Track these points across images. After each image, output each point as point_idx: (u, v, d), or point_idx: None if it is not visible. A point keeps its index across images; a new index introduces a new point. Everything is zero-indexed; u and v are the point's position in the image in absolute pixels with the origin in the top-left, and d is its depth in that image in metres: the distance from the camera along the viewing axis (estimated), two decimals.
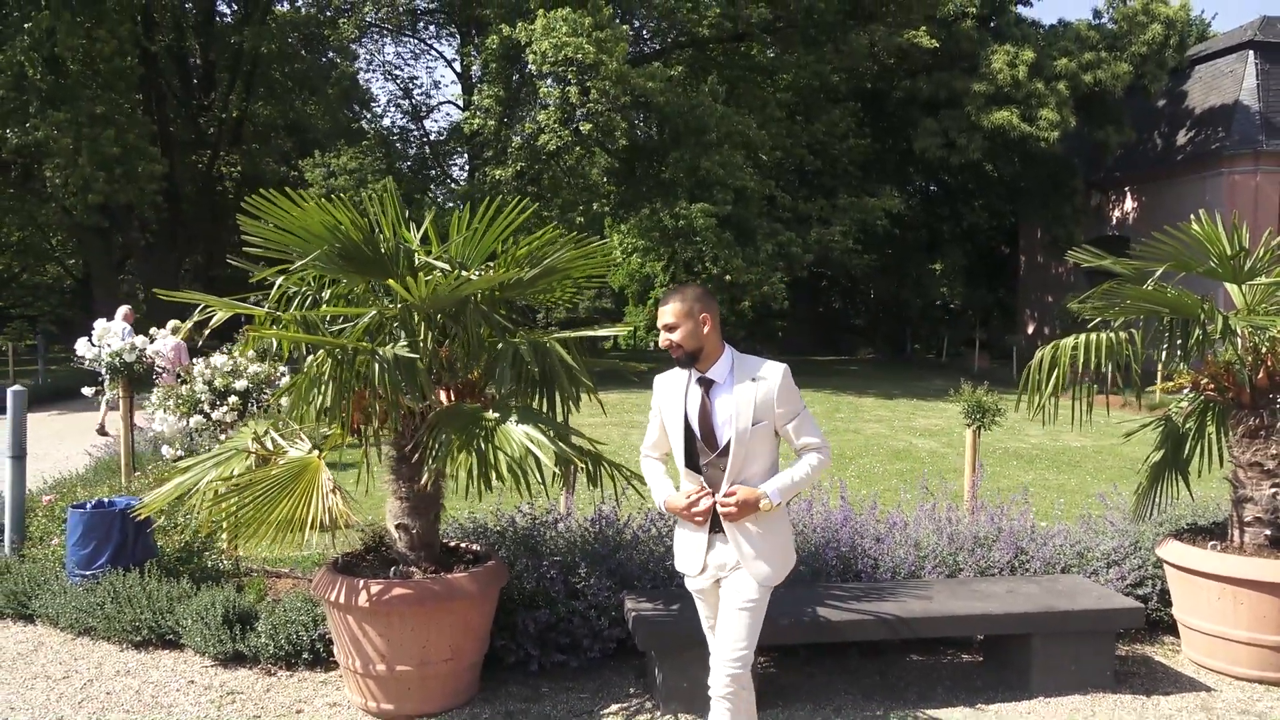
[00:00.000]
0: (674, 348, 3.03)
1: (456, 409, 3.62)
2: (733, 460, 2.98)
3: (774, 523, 3.06)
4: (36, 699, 4.08)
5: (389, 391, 3.34)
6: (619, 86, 16.71)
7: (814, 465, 3.05)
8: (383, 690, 3.80)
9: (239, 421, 5.32)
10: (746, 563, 3.02)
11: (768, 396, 2.99)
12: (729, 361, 3.04)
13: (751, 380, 2.99)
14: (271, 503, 3.51)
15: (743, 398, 2.98)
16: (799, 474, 3.05)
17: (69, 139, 18.15)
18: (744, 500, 2.97)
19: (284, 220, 3.55)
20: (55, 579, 5.04)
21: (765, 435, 3.02)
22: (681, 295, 3.05)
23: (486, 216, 3.76)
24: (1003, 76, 20.91)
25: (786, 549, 3.12)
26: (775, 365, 3.04)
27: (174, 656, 4.52)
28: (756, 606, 3.03)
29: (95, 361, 6.93)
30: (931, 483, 9.14)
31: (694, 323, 2.99)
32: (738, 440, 2.97)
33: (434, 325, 3.57)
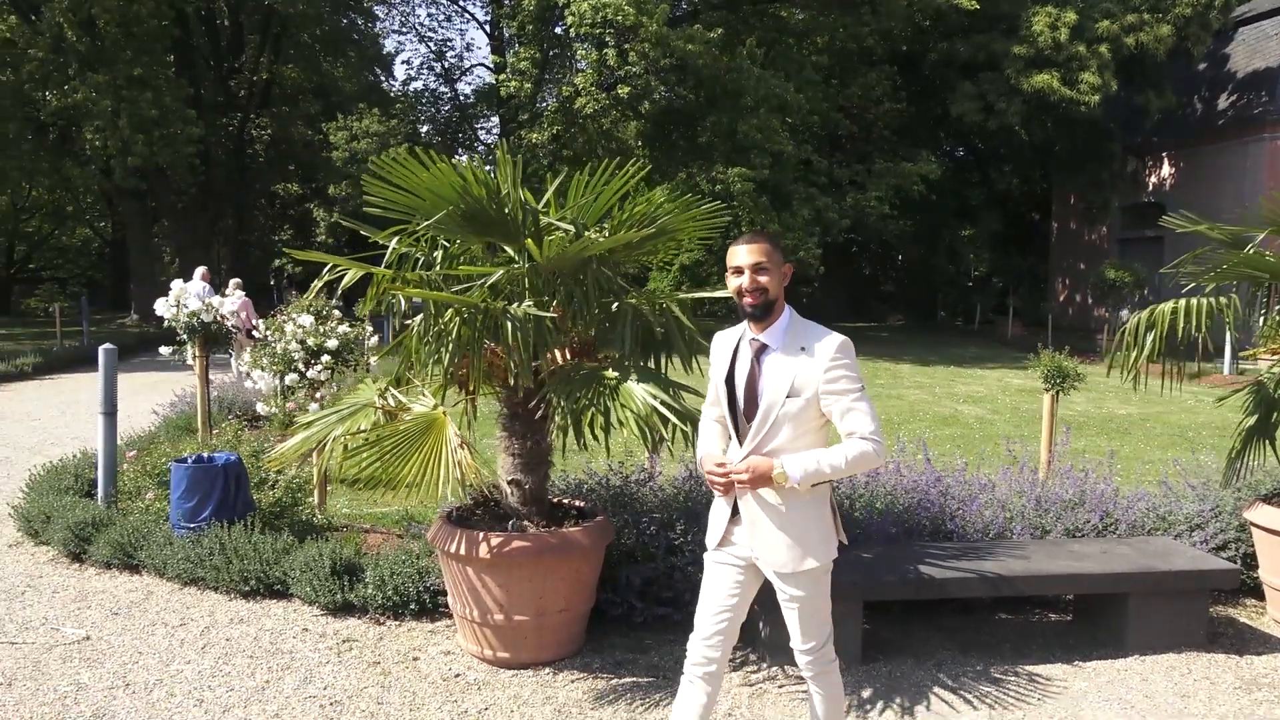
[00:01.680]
0: (756, 292, 2.68)
1: (577, 368, 3.69)
2: (754, 431, 2.70)
3: (797, 508, 2.71)
4: (159, 644, 4.23)
5: (521, 349, 3.41)
6: (658, 49, 16.58)
7: (851, 455, 2.62)
8: (499, 639, 3.93)
9: (330, 379, 5.42)
10: (759, 550, 2.76)
11: (812, 369, 2.65)
12: (785, 324, 2.73)
13: (801, 349, 2.67)
14: (403, 457, 3.61)
15: (784, 366, 2.68)
16: (830, 459, 2.62)
17: (108, 101, 18.25)
18: (755, 468, 2.64)
19: (410, 182, 3.60)
20: (158, 531, 5.20)
21: (805, 414, 2.67)
22: (768, 237, 2.77)
23: (603, 177, 3.80)
24: (1044, 39, 20.58)
25: (809, 539, 2.73)
26: (831, 337, 2.68)
27: (283, 606, 4.67)
28: (803, 599, 2.78)
29: (174, 321, 7.06)
30: (988, 448, 9.23)
31: (779, 270, 2.71)
32: (764, 412, 2.68)
33: (554, 286, 3.63)
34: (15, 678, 3.87)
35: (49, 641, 4.26)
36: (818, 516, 2.77)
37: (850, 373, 2.67)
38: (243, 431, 7.82)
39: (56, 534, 5.43)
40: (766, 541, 2.76)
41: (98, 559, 5.24)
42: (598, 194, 3.82)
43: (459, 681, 3.86)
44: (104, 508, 5.66)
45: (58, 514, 5.56)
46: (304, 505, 5.67)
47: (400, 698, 3.71)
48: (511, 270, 3.55)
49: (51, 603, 4.77)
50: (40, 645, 4.22)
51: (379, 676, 3.91)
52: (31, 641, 4.26)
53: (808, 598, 2.79)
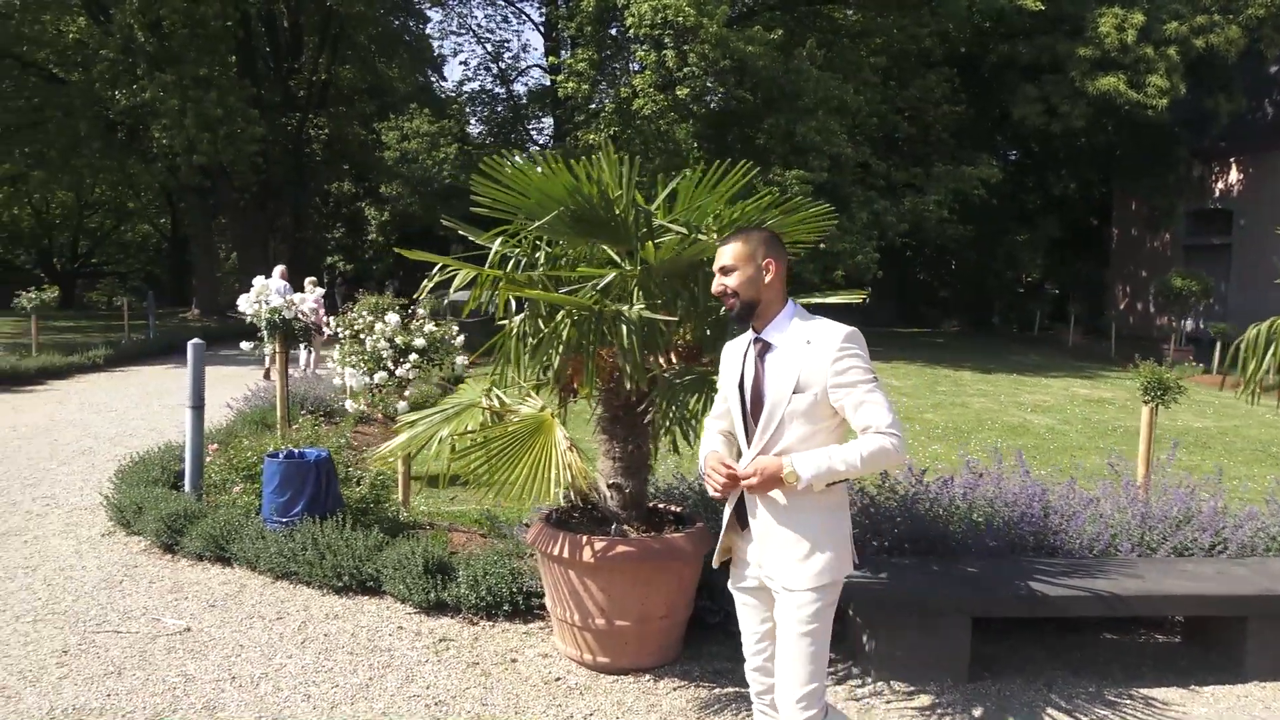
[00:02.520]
0: (728, 296, 2.58)
1: (684, 372, 3.65)
2: (760, 431, 2.55)
3: (810, 515, 2.53)
4: (259, 637, 4.27)
5: (635, 353, 3.37)
6: (717, 50, 16.49)
7: (867, 452, 2.43)
8: (599, 644, 3.89)
9: (417, 378, 5.44)
10: (766, 562, 2.59)
11: (818, 363, 2.48)
12: (788, 320, 2.58)
13: (806, 343, 2.51)
14: (511, 459, 3.60)
15: (788, 362, 2.52)
16: (844, 455, 2.44)
17: (175, 100, 18.63)
18: (763, 468, 2.47)
19: (520, 182, 3.58)
20: (249, 524, 5.25)
21: (814, 411, 2.50)
22: (745, 236, 2.61)
23: (711, 179, 3.75)
24: (1110, 40, 20.11)
25: (822, 551, 2.53)
26: (836, 328, 2.52)
27: (376, 602, 4.68)
28: (806, 622, 2.53)
29: (255, 317, 7.15)
30: (1064, 460, 9.02)
31: (755, 268, 2.55)
32: (769, 410, 2.53)
33: (665, 289, 3.58)
34: (124, 667, 3.93)
35: (152, 631, 4.32)
36: (834, 527, 2.58)
37: (860, 363, 2.49)
38: (319, 426, 7.92)
39: (149, 525, 5.51)
40: (775, 553, 2.57)
41: (190, 550, 5.31)
42: (703, 196, 3.76)
43: (560, 685, 3.84)
44: (193, 500, 5.74)
45: (149, 505, 5.65)
46: (389, 502, 5.70)
47: (504, 700, 3.69)
48: (624, 272, 3.51)
49: (149, 593, 4.83)
50: (144, 635, 4.27)
51: (479, 678, 3.89)
52: (135, 631, 4.32)
53: (815, 622, 2.53)
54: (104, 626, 4.36)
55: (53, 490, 6.97)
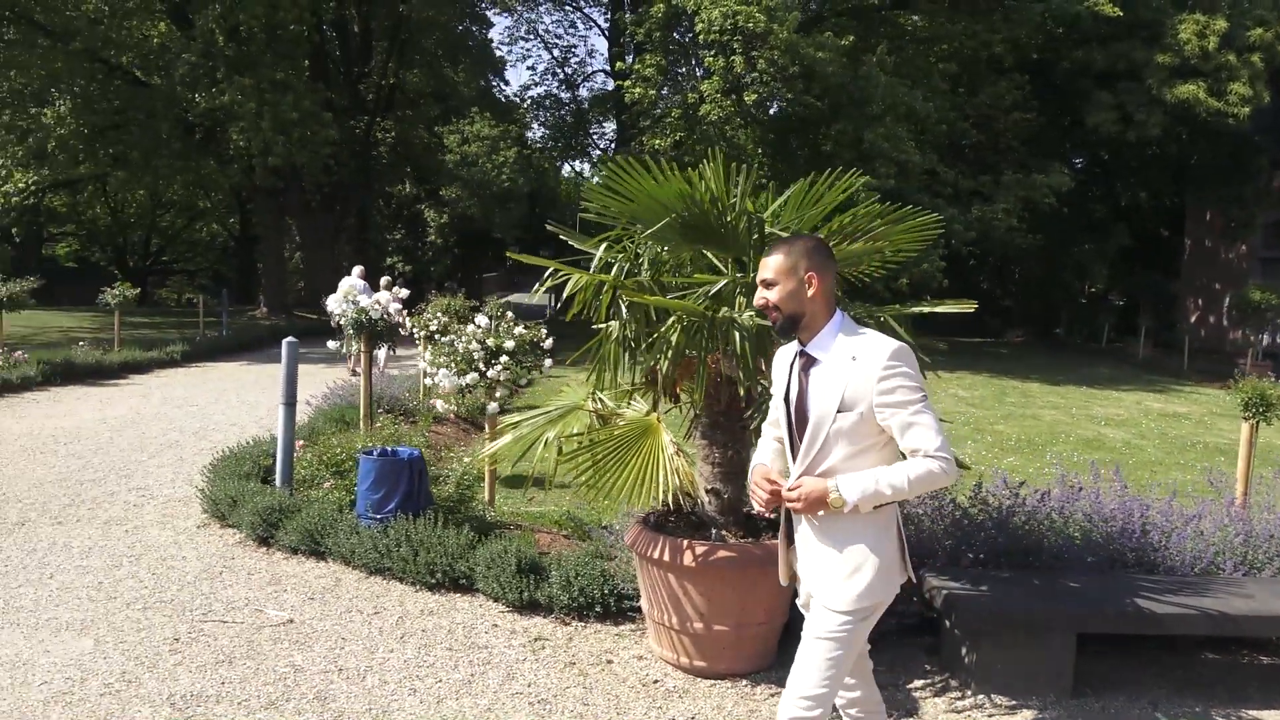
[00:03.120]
0: (769, 309, 2.51)
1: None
2: (805, 450, 2.49)
3: (856, 535, 2.46)
4: (359, 630, 4.37)
5: (747, 358, 3.39)
6: (787, 56, 16.44)
7: (914, 475, 2.36)
8: (697, 647, 3.91)
9: (505, 380, 5.52)
10: (809, 578, 2.57)
11: (863, 380, 2.39)
12: (834, 334, 2.48)
13: (852, 359, 2.42)
14: (620, 462, 3.64)
15: (834, 379, 2.43)
16: (891, 478, 2.37)
17: (253, 103, 19.14)
18: (808, 493, 2.42)
19: (632, 188, 3.63)
20: (342, 520, 5.38)
21: (861, 430, 2.42)
22: (788, 247, 2.52)
23: (820, 188, 3.76)
24: (1190, 47, 19.59)
25: (866, 572, 2.46)
26: (883, 343, 2.42)
27: (468, 600, 4.76)
28: (834, 637, 2.47)
29: (342, 316, 7.32)
30: (1144, 475, 8.80)
31: (796, 282, 2.47)
32: (813, 428, 2.46)
33: None
34: (234, 655, 4.05)
35: (256, 622, 4.45)
36: (880, 547, 2.49)
37: (909, 382, 2.38)
38: (399, 425, 8.07)
39: (245, 518, 5.67)
40: (818, 570, 2.53)
41: (284, 544, 5.46)
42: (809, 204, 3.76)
43: (658, 688, 3.86)
44: (286, 495, 5.89)
45: (244, 499, 5.82)
46: (476, 501, 5.79)
47: (604, 700, 3.73)
48: (737, 279, 3.53)
49: (248, 584, 4.98)
50: (249, 625, 4.41)
51: (577, 677, 3.94)
52: (240, 621, 4.45)
53: (844, 642, 2.47)
54: (210, 616, 4.51)
55: (145, 482, 7.21)
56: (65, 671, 3.84)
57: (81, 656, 3.99)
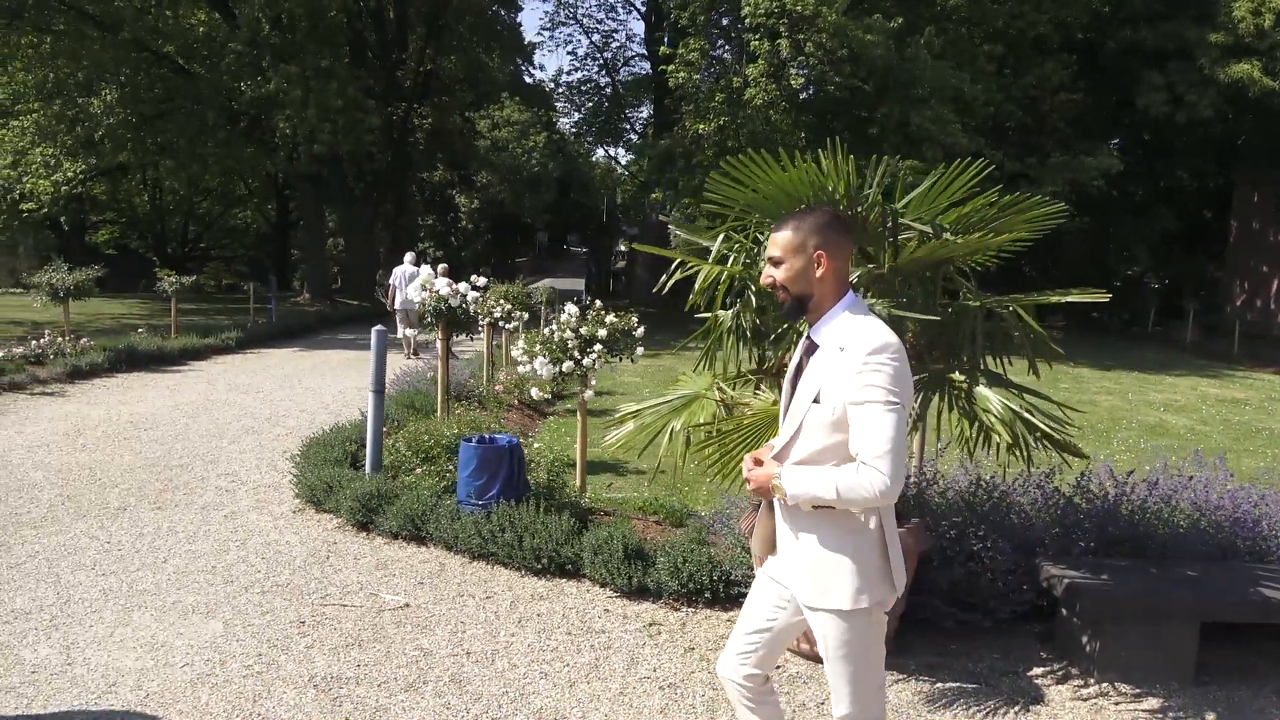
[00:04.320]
0: (776, 289, 2.35)
1: (919, 369, 3.67)
2: (781, 436, 2.37)
3: (832, 530, 2.29)
4: (475, 615, 4.46)
5: None
6: (835, 39, 16.31)
7: (844, 484, 2.16)
8: None
9: (595, 368, 5.58)
10: (785, 568, 2.42)
11: (843, 373, 2.20)
12: (837, 318, 2.29)
13: (840, 349, 2.24)
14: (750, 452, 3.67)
15: (820, 367, 2.27)
16: (824, 481, 2.19)
17: (299, 91, 19.27)
18: (758, 476, 2.32)
19: (760, 180, 3.64)
20: (442, 505, 5.47)
21: (830, 425, 2.24)
22: (796, 224, 2.32)
23: (949, 177, 3.76)
24: (1244, 26, 19.24)
25: (836, 572, 2.28)
26: (869, 336, 2.20)
27: (575, 585, 4.84)
28: (827, 647, 2.34)
29: (422, 305, 7.41)
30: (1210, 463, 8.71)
31: (804, 260, 2.29)
32: (791, 415, 2.34)
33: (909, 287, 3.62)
34: (362, 639, 4.15)
35: (373, 606, 4.55)
36: (857, 547, 2.27)
37: (883, 380, 2.15)
38: (474, 411, 8.17)
39: (344, 504, 5.77)
40: (791, 562, 2.38)
41: (385, 529, 5.56)
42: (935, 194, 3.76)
43: (780, 673, 3.91)
44: (383, 480, 5.98)
45: (341, 485, 5.92)
46: (569, 487, 5.86)
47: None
48: (871, 271, 3.55)
49: (356, 568, 5.08)
50: (368, 609, 4.50)
51: (698, 662, 4.00)
52: (359, 605, 4.55)
53: (833, 647, 2.33)
54: (328, 600, 4.61)
55: (231, 467, 7.35)
56: (203, 654, 3.95)
57: (215, 639, 4.11)
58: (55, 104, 21.10)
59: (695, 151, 19.11)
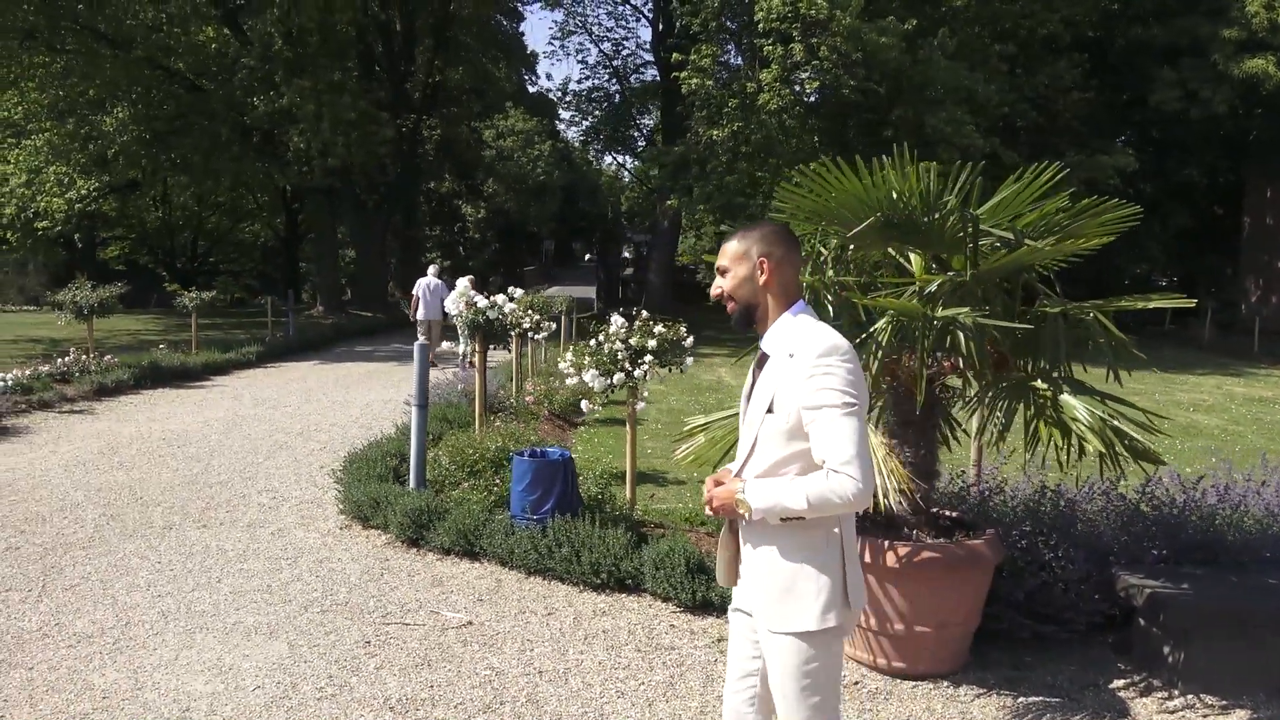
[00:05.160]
0: (725, 299, 2.31)
1: (1000, 378, 3.62)
2: (740, 451, 2.31)
3: (784, 544, 2.19)
4: (541, 632, 4.40)
5: (974, 358, 3.36)
6: (850, 42, 16.28)
7: (814, 493, 2.07)
8: (896, 649, 3.90)
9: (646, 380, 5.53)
10: (746, 588, 2.31)
11: (794, 379, 2.14)
12: (784, 327, 2.24)
13: (789, 356, 2.18)
14: None
15: (771, 377, 2.22)
16: (792, 492, 2.10)
17: (312, 105, 19.30)
18: (720, 495, 2.23)
19: (835, 188, 3.60)
20: (494, 520, 5.42)
21: (785, 434, 2.17)
22: (743, 233, 2.31)
23: (1027, 181, 3.71)
24: (1259, 20, 19.19)
25: (793, 592, 2.18)
26: (818, 340, 2.15)
27: (636, 600, 4.78)
28: (777, 670, 2.22)
29: (458, 317, 7.38)
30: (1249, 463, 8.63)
31: (748, 268, 2.26)
32: (747, 428, 2.28)
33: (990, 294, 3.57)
34: (429, 659, 4.10)
35: (435, 624, 4.50)
36: (820, 564, 2.18)
37: (836, 384, 2.09)
38: (511, 424, 8.12)
39: (393, 520, 5.73)
40: (753, 583, 2.26)
41: (436, 545, 5.51)
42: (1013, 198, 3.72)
43: (860, 689, 3.86)
44: (430, 496, 5.93)
45: (388, 501, 5.88)
46: (619, 500, 5.81)
47: None
48: (952, 279, 3.51)
49: (412, 585, 5.03)
50: (430, 627, 4.45)
51: None
52: (421, 623, 4.50)
53: (795, 674, 2.20)
54: (389, 618, 4.56)
55: (270, 484, 7.31)
56: (272, 676, 3.90)
57: (281, 660, 4.06)
58: (69, 123, 21.17)
59: (709, 157, 19.08)
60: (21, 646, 4.17)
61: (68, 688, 3.78)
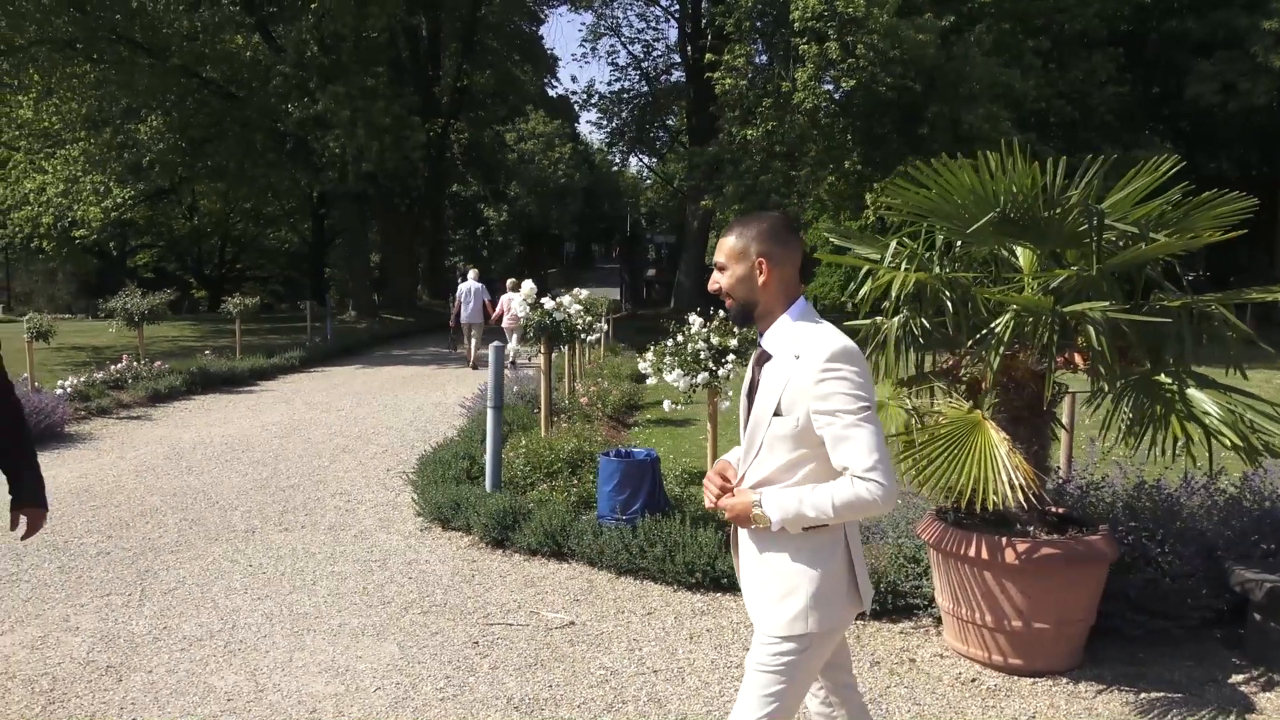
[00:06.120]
0: (723, 296, 2.28)
1: (1128, 373, 3.60)
2: (744, 454, 2.27)
3: (787, 549, 2.18)
4: (644, 631, 4.41)
5: (1105, 352, 3.35)
6: (887, 40, 16.22)
7: (840, 499, 2.05)
8: (1012, 645, 3.88)
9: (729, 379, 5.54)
10: (745, 588, 2.33)
11: (801, 382, 2.11)
12: (788, 327, 2.21)
13: (795, 357, 2.15)
14: (951, 461, 3.61)
15: (776, 378, 2.18)
16: (816, 500, 2.08)
17: (346, 111, 19.42)
18: (735, 506, 2.21)
19: (952, 184, 3.59)
20: (580, 521, 5.44)
21: (802, 438, 2.14)
22: (741, 228, 2.25)
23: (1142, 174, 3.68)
24: None
25: (796, 597, 2.16)
26: (826, 342, 2.12)
27: (734, 600, 4.78)
28: (772, 669, 2.18)
29: (528, 321, 7.41)
30: None
31: (747, 267, 2.21)
32: (750, 431, 2.24)
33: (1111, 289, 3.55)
34: (540, 659, 4.12)
35: (538, 624, 4.51)
36: (818, 570, 2.17)
37: (847, 388, 2.07)
38: (577, 425, 8.15)
39: (476, 521, 5.75)
40: (750, 584, 2.29)
41: (522, 546, 5.53)
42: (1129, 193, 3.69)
43: (978, 687, 3.84)
44: (511, 496, 5.96)
45: (470, 503, 5.90)
46: (699, 499, 5.81)
47: (932, 699, 3.72)
48: (1079, 273, 3.49)
49: (505, 586, 5.06)
50: (534, 628, 4.47)
51: (888, 676, 3.93)
52: (524, 624, 4.52)
53: (784, 674, 2.17)
54: (491, 619, 4.59)
55: (341, 487, 7.36)
56: (390, 677, 3.93)
57: (394, 661, 4.09)
58: (105, 132, 21.40)
59: (743, 157, 19.06)
60: (135, 650, 4.22)
61: (190, 690, 3.82)
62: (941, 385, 3.97)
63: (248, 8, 21.52)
